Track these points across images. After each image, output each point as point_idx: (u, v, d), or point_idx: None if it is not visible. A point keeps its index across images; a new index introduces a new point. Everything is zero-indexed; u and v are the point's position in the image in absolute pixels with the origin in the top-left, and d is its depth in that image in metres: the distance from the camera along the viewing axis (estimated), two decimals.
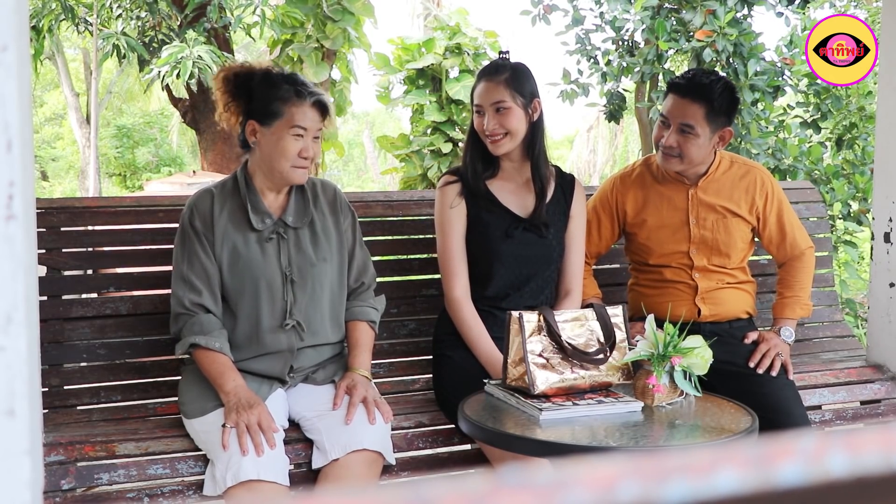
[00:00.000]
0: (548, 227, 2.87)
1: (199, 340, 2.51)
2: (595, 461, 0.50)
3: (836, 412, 3.21)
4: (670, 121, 2.88)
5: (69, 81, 19.81)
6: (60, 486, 2.43)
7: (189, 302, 2.55)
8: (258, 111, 2.57)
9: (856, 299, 6.38)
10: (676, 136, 2.87)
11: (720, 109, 2.85)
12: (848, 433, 0.54)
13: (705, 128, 2.85)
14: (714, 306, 3.03)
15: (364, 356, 2.68)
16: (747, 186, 3.01)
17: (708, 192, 3.00)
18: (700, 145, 2.87)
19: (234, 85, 2.61)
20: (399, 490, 0.47)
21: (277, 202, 2.65)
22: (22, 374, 0.87)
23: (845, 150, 6.42)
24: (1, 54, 0.86)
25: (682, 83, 2.88)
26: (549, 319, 2.43)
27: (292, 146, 2.54)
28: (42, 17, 10.19)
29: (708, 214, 3.00)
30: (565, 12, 6.98)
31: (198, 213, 2.59)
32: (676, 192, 3.03)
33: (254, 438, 2.33)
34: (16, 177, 0.86)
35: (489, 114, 2.79)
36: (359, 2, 10.16)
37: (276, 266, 2.59)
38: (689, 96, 2.84)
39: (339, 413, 2.50)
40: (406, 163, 11.00)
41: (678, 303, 2.99)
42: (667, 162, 2.93)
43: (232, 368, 2.51)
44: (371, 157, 24.19)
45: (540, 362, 2.39)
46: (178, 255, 2.61)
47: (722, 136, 2.91)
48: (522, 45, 43.52)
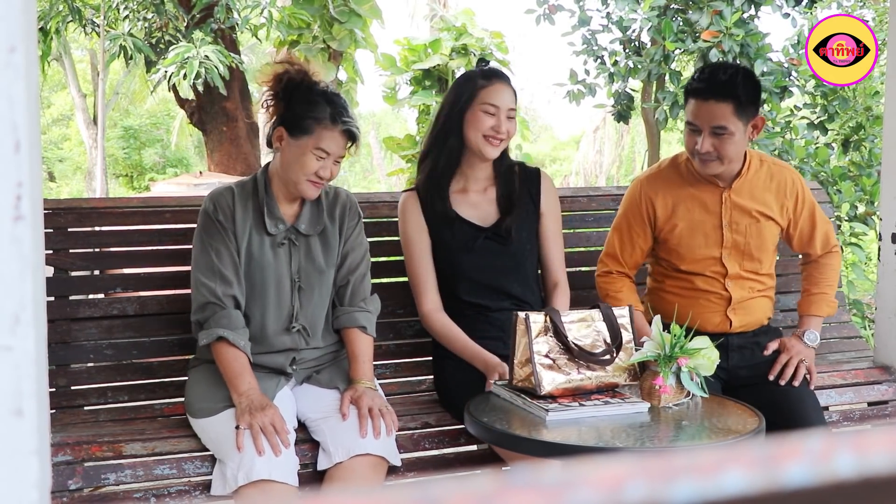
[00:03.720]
0: (510, 235, 2.84)
1: (228, 335, 2.49)
2: (602, 461, 0.50)
3: (843, 413, 3.20)
4: (700, 126, 2.76)
5: (76, 82, 19.85)
6: (67, 486, 2.43)
7: (221, 292, 2.53)
8: (290, 120, 2.56)
9: (863, 300, 6.37)
10: (711, 139, 2.74)
11: (747, 101, 2.74)
12: (855, 434, 0.53)
13: (738, 124, 2.73)
14: (744, 316, 2.95)
15: (365, 366, 2.64)
16: (778, 187, 2.92)
17: (742, 195, 2.89)
18: (737, 142, 2.76)
19: (282, 86, 2.59)
20: (407, 490, 0.47)
21: (292, 209, 2.65)
22: (30, 375, 0.88)
23: (852, 151, 6.41)
24: (9, 56, 0.86)
25: (702, 87, 2.76)
26: (555, 320, 2.43)
27: (312, 165, 2.53)
28: (49, 19, 10.21)
29: (741, 218, 2.89)
30: (571, 13, 6.98)
31: (220, 207, 2.58)
32: (709, 195, 2.91)
33: (269, 440, 2.34)
34: (24, 177, 0.87)
35: (503, 119, 2.78)
36: (366, 3, 10.17)
37: (287, 271, 2.61)
38: (714, 97, 2.72)
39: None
40: (412, 163, 10.99)
41: (709, 314, 2.91)
42: (706, 167, 2.80)
43: (249, 370, 2.50)
44: (377, 157, 24.19)
45: (546, 363, 2.39)
46: (201, 246, 2.58)
47: (755, 125, 2.80)
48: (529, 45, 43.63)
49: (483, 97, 2.78)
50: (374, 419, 2.48)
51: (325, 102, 2.56)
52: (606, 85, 7.05)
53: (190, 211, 2.99)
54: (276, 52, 10.96)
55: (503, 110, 2.77)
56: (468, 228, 2.85)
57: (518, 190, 2.89)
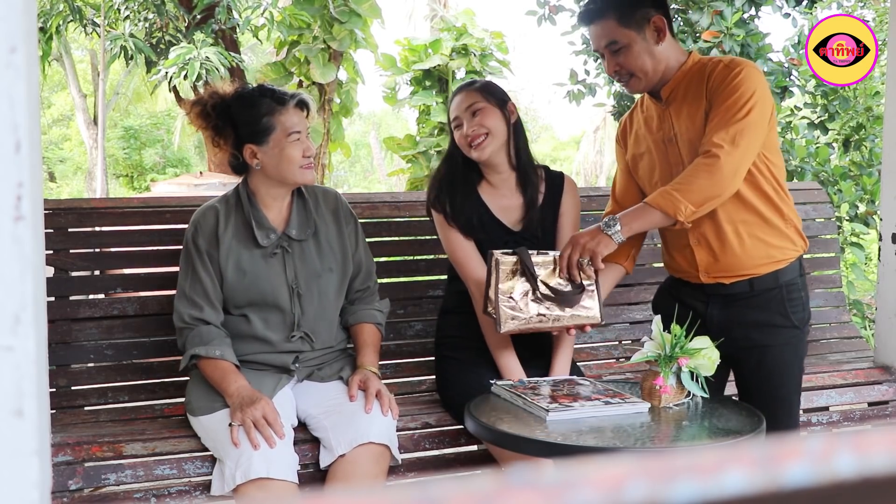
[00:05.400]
0: (537, 239, 2.84)
1: (200, 351, 2.54)
2: (602, 461, 0.50)
3: (843, 413, 3.21)
4: (598, 49, 2.63)
5: (76, 83, 19.87)
6: (68, 486, 2.44)
7: (188, 317, 2.59)
8: (249, 134, 2.60)
9: (863, 300, 6.37)
10: (614, 59, 2.59)
11: (628, 9, 2.56)
12: (855, 434, 0.53)
13: (628, 33, 2.56)
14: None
15: (373, 355, 2.71)
16: (700, 80, 2.57)
17: (679, 111, 2.61)
18: (638, 53, 2.57)
19: (214, 118, 2.62)
20: (407, 490, 0.47)
21: (281, 216, 2.67)
22: (30, 375, 0.88)
23: (852, 151, 6.41)
24: (10, 56, 0.86)
25: (583, 11, 2.66)
26: (525, 261, 2.54)
27: (296, 151, 2.58)
28: (50, 19, 10.23)
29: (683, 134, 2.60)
30: (572, 13, 6.98)
31: (201, 230, 2.62)
32: (657, 116, 2.69)
33: (262, 432, 2.36)
34: (24, 178, 0.87)
35: (466, 120, 2.80)
36: (366, 3, 10.18)
37: (283, 280, 2.62)
38: (595, 18, 2.60)
39: (346, 409, 2.52)
40: (413, 164, 11.00)
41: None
42: (629, 87, 2.64)
43: (234, 371, 2.53)
44: (378, 158, 24.21)
45: (510, 304, 2.53)
46: (181, 272, 2.65)
47: (657, 26, 2.58)
48: (529, 45, 43.66)
49: (452, 113, 2.86)
50: (382, 400, 2.53)
51: (259, 96, 2.61)
52: (606, 84, 7.05)
53: (190, 212, 2.98)
54: (277, 52, 10.97)
55: (464, 114, 2.80)
56: (500, 231, 2.85)
57: (545, 192, 2.91)
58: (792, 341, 2.62)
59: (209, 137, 2.65)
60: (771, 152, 2.57)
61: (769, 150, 2.56)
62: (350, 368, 2.70)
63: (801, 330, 2.63)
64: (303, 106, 2.64)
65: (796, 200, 3.49)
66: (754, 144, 2.46)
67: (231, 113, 2.61)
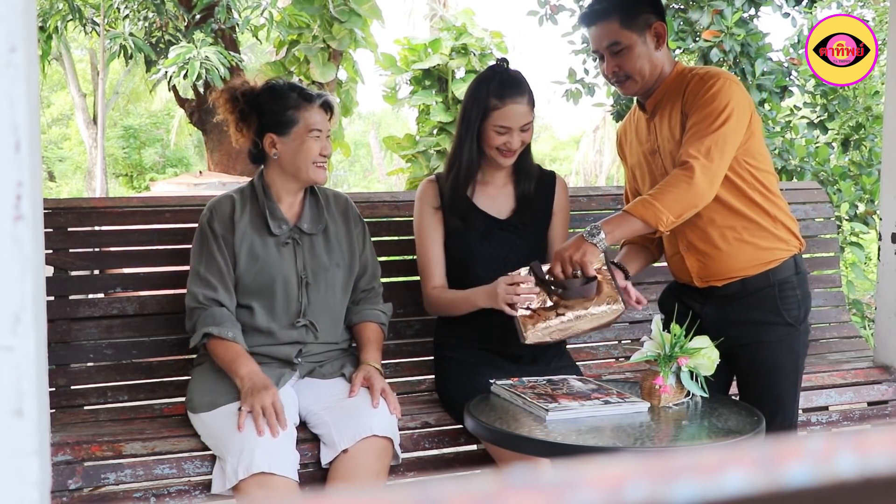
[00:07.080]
0: (526, 227, 2.87)
1: (213, 330, 2.57)
2: (602, 461, 0.50)
3: (843, 413, 3.21)
4: (599, 50, 2.66)
5: (76, 82, 19.85)
6: (67, 485, 2.44)
7: (203, 297, 2.62)
8: (272, 124, 2.67)
9: (863, 300, 6.37)
10: (613, 60, 2.63)
11: (632, 12, 2.61)
12: (856, 434, 0.53)
13: (630, 35, 2.61)
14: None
15: (376, 352, 2.74)
16: (676, 94, 2.63)
17: (662, 117, 2.67)
18: (638, 55, 2.62)
19: (242, 104, 2.70)
20: (407, 489, 0.47)
21: (293, 210, 2.74)
22: (30, 375, 0.88)
23: (852, 150, 6.41)
24: (9, 55, 0.86)
25: (586, 12, 2.71)
26: (535, 271, 2.57)
27: (314, 147, 2.66)
28: (49, 18, 10.22)
29: (666, 143, 2.67)
30: (572, 12, 6.98)
31: (217, 215, 2.67)
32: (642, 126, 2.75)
33: (269, 420, 2.38)
34: (24, 177, 0.87)
35: (515, 133, 2.75)
36: (366, 3, 10.18)
37: (293, 269, 2.67)
38: (599, 19, 2.64)
39: (347, 404, 2.53)
40: (412, 163, 11.00)
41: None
42: (623, 89, 2.69)
43: (245, 354, 2.57)
44: (377, 157, 24.20)
45: (527, 314, 2.56)
46: (195, 255, 2.68)
47: (655, 34, 2.63)
48: (528, 45, 43.63)
49: (495, 119, 2.74)
50: (388, 396, 2.56)
51: (289, 91, 2.69)
52: (606, 84, 7.05)
53: (190, 211, 2.99)
54: (276, 52, 10.97)
55: (515, 129, 2.75)
56: (484, 218, 2.86)
57: (535, 188, 2.91)
58: (786, 339, 2.64)
59: (234, 122, 2.72)
60: (754, 158, 2.61)
61: (751, 156, 2.60)
62: (352, 365, 2.72)
63: (795, 327, 2.64)
64: (327, 108, 2.72)
65: (796, 200, 3.49)
66: (728, 154, 2.51)
67: (259, 101, 2.69)
